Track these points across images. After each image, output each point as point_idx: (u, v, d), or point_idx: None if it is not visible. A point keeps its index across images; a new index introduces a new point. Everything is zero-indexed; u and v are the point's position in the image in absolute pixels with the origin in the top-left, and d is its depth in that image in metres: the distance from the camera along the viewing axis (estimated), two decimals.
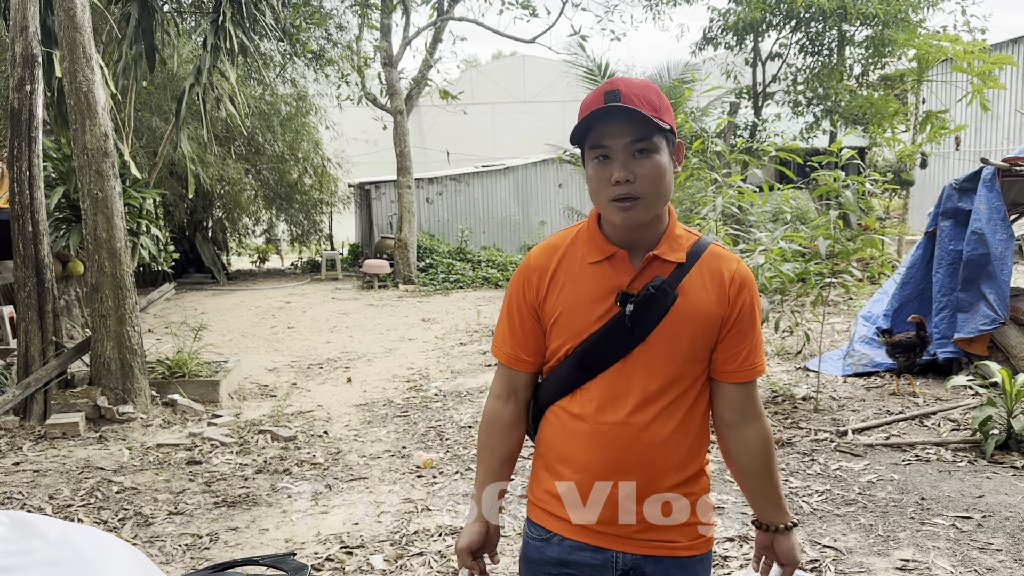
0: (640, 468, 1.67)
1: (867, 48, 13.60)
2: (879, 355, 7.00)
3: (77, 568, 1.21)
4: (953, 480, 4.58)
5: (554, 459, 1.76)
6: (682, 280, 1.68)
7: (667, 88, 13.42)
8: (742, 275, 1.70)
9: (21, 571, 1.15)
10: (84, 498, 4.78)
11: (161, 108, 13.71)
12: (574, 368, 1.71)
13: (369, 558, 3.85)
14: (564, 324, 1.71)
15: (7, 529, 1.20)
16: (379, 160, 21.28)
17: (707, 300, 1.67)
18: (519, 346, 1.78)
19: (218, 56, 7.88)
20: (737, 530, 3.97)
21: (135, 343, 6.54)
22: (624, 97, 1.58)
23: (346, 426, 6.33)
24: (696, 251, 1.71)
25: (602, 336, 1.67)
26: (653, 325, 1.65)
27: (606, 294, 1.67)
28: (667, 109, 1.63)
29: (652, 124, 1.57)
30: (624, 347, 1.67)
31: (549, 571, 1.75)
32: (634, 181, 1.59)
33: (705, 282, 1.68)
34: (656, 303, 1.65)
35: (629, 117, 1.58)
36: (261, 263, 21.87)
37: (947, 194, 6.97)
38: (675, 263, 1.68)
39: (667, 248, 1.68)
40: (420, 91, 16.78)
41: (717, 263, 1.71)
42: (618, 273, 1.68)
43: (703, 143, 6.65)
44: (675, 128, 1.65)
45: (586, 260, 1.70)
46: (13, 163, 6.37)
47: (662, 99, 1.63)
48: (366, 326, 11.30)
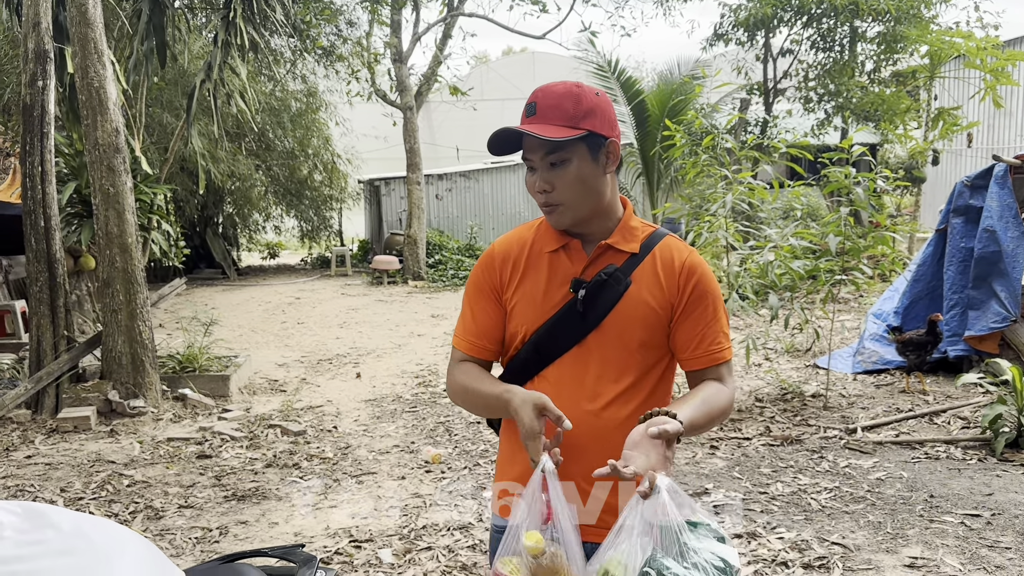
0: (596, 453, 1.66)
1: (879, 44, 13.54)
2: (889, 352, 6.98)
3: (89, 559, 1.22)
4: (963, 478, 4.56)
5: (513, 448, 1.78)
6: (635, 269, 1.73)
7: (678, 84, 13.40)
8: (692, 263, 1.75)
9: (34, 561, 1.16)
10: (95, 491, 4.82)
11: (172, 104, 13.75)
12: (531, 354, 1.76)
13: (377, 552, 3.87)
14: (522, 310, 1.76)
15: (20, 520, 1.22)
16: (389, 156, 21.29)
17: (659, 288, 1.72)
18: (483, 334, 1.81)
19: (229, 52, 7.91)
20: (744, 527, 3.97)
21: (146, 338, 6.58)
22: (539, 109, 1.65)
23: (355, 421, 6.35)
24: (650, 242, 1.77)
25: (556, 322, 1.73)
26: (606, 312, 1.70)
27: (561, 281, 1.74)
28: (589, 112, 1.64)
29: (558, 140, 1.61)
30: (578, 333, 1.72)
31: None
32: (551, 191, 1.67)
33: (658, 271, 1.73)
34: (608, 290, 1.70)
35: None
36: (271, 258, 21.95)
37: (959, 191, 6.94)
38: (628, 253, 1.74)
39: (620, 238, 1.75)
40: (430, 87, 16.79)
41: (670, 253, 1.76)
42: (573, 261, 1.75)
43: (713, 139, 6.63)
44: (601, 129, 1.66)
45: (544, 249, 1.77)
46: (25, 158, 6.41)
47: (582, 104, 1.64)
48: (375, 322, 11.33)
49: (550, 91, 1.67)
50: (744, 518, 4.08)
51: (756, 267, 6.05)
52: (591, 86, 1.71)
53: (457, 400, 1.83)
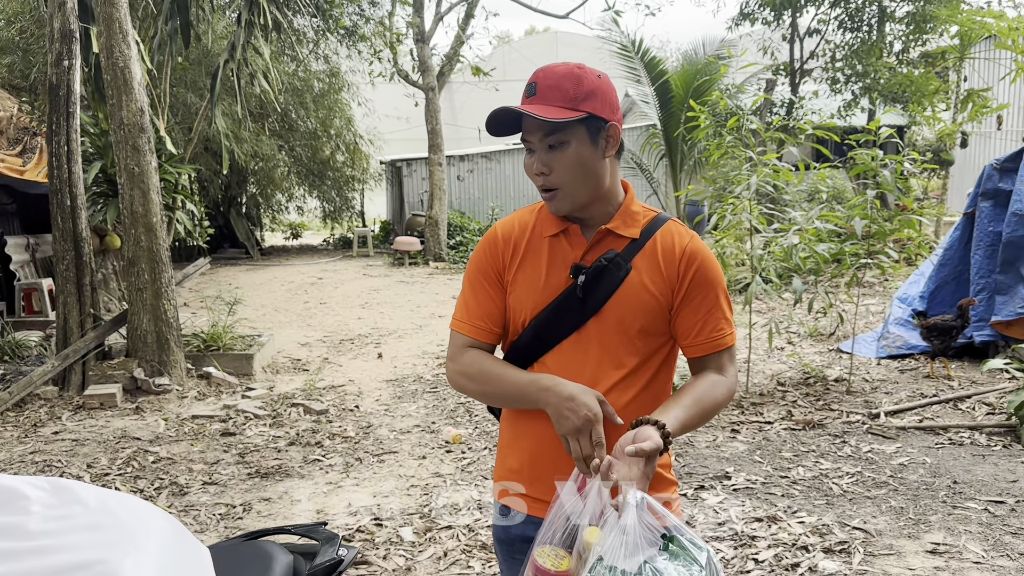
0: None
1: (908, 24, 13.31)
2: (914, 337, 6.91)
3: (115, 534, 1.23)
4: (987, 464, 4.52)
5: (515, 435, 1.78)
6: (636, 255, 1.70)
7: (702, 64, 13.26)
8: (693, 249, 1.72)
9: (61, 535, 1.18)
10: (121, 467, 4.89)
11: (196, 84, 13.81)
12: (532, 340, 1.74)
13: (398, 530, 3.90)
14: (522, 295, 1.74)
15: (48, 495, 1.23)
16: (410, 137, 21.29)
17: (659, 274, 1.70)
18: (487, 317, 1.77)
19: (252, 32, 7.91)
20: (765, 511, 3.96)
21: (171, 316, 6.65)
22: (539, 90, 1.63)
23: (377, 401, 6.39)
24: (651, 228, 1.74)
25: (556, 307, 1.71)
26: (606, 297, 1.68)
27: (561, 266, 1.72)
28: (590, 95, 1.62)
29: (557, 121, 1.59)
30: (577, 319, 1.70)
31: (519, 548, 1.75)
32: (549, 173, 1.65)
33: (658, 257, 1.71)
34: (608, 275, 1.68)
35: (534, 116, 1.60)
36: (294, 239, 22.06)
37: (987, 174, 6.83)
38: (629, 238, 1.71)
39: (620, 223, 1.72)
40: (452, 68, 16.73)
41: (671, 238, 1.73)
42: (572, 246, 1.72)
43: (738, 121, 6.56)
44: (601, 112, 1.63)
45: (544, 234, 1.75)
46: (52, 138, 6.47)
47: (582, 85, 1.62)
48: (397, 303, 11.37)
49: (551, 71, 1.64)
50: (765, 501, 4.07)
51: (780, 250, 5.99)
52: (593, 68, 1.67)
53: (467, 387, 1.75)
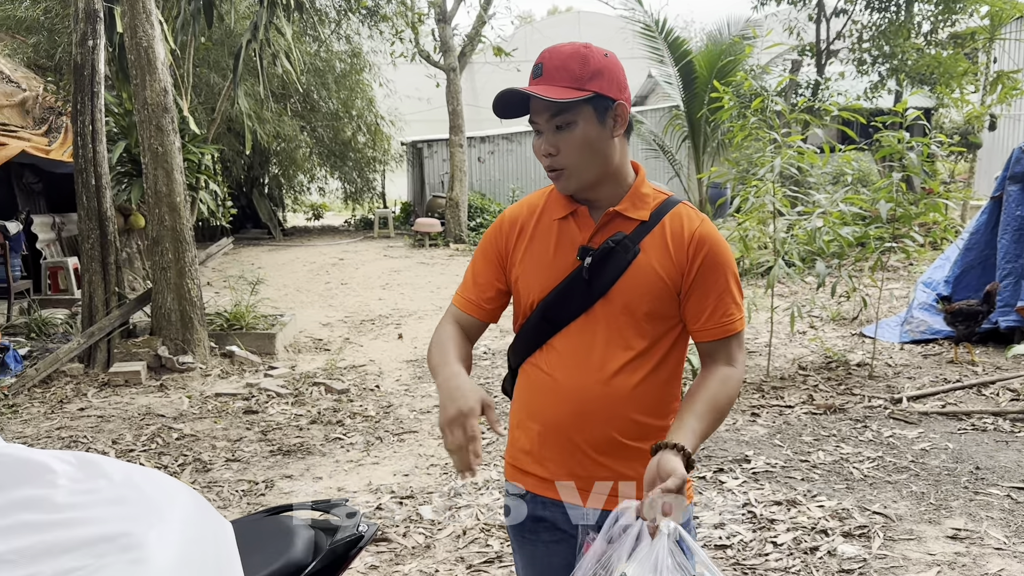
0: (603, 422, 1.67)
1: (937, 4, 13.07)
2: (938, 322, 6.84)
3: (140, 508, 1.25)
4: (1010, 450, 4.48)
5: (525, 416, 1.79)
6: (644, 237, 1.68)
7: (727, 45, 13.11)
8: (703, 233, 1.69)
9: (87, 509, 1.20)
10: (145, 443, 4.96)
11: (219, 64, 13.85)
12: (539, 322, 1.74)
13: (418, 508, 3.93)
14: (531, 277, 1.74)
15: (74, 469, 1.25)
16: (431, 118, 21.23)
17: (667, 258, 1.68)
18: (480, 293, 1.81)
19: (274, 12, 7.92)
20: (785, 494, 3.95)
21: (194, 295, 6.71)
22: (546, 70, 1.61)
23: (397, 380, 6.43)
24: (661, 210, 1.72)
25: (563, 289, 1.71)
26: (613, 280, 1.67)
27: (569, 248, 1.71)
28: (596, 74, 1.60)
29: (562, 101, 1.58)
30: (585, 301, 1.69)
31: (530, 527, 1.77)
32: (556, 154, 1.64)
33: (667, 240, 1.69)
34: (615, 257, 1.67)
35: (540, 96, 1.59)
36: (316, 219, 22.14)
37: (1016, 157, 6.72)
38: (637, 220, 1.69)
39: (629, 205, 1.70)
40: (473, 48, 16.64)
41: (680, 222, 1.71)
42: (580, 228, 1.71)
43: (763, 102, 6.49)
44: (608, 91, 1.61)
45: (553, 216, 1.74)
46: (76, 117, 6.52)
47: (589, 65, 1.60)
48: (417, 284, 11.40)
49: (557, 52, 1.63)
50: (784, 485, 4.06)
51: (803, 233, 5.94)
52: (600, 47, 1.65)
53: (429, 357, 1.77)
